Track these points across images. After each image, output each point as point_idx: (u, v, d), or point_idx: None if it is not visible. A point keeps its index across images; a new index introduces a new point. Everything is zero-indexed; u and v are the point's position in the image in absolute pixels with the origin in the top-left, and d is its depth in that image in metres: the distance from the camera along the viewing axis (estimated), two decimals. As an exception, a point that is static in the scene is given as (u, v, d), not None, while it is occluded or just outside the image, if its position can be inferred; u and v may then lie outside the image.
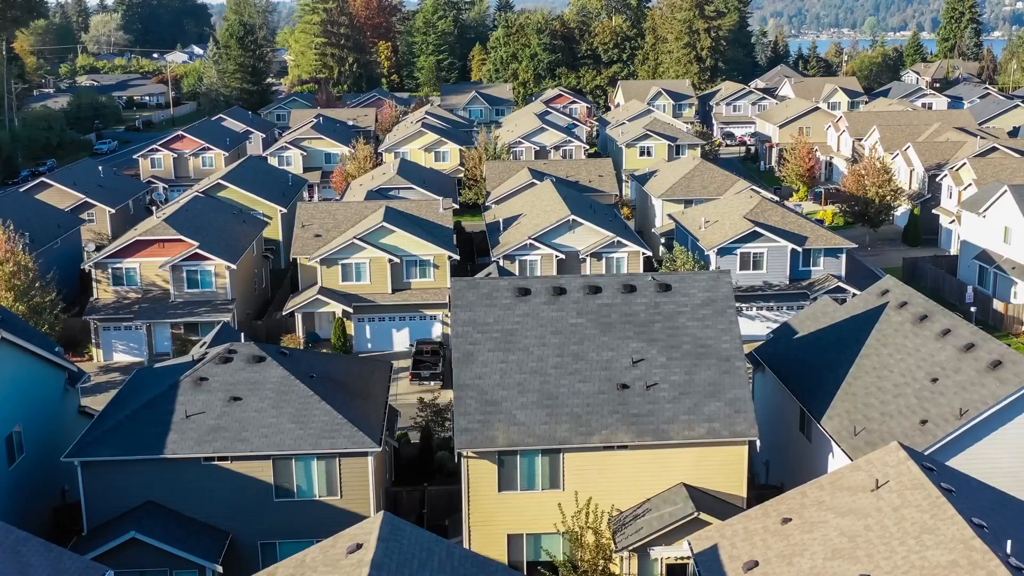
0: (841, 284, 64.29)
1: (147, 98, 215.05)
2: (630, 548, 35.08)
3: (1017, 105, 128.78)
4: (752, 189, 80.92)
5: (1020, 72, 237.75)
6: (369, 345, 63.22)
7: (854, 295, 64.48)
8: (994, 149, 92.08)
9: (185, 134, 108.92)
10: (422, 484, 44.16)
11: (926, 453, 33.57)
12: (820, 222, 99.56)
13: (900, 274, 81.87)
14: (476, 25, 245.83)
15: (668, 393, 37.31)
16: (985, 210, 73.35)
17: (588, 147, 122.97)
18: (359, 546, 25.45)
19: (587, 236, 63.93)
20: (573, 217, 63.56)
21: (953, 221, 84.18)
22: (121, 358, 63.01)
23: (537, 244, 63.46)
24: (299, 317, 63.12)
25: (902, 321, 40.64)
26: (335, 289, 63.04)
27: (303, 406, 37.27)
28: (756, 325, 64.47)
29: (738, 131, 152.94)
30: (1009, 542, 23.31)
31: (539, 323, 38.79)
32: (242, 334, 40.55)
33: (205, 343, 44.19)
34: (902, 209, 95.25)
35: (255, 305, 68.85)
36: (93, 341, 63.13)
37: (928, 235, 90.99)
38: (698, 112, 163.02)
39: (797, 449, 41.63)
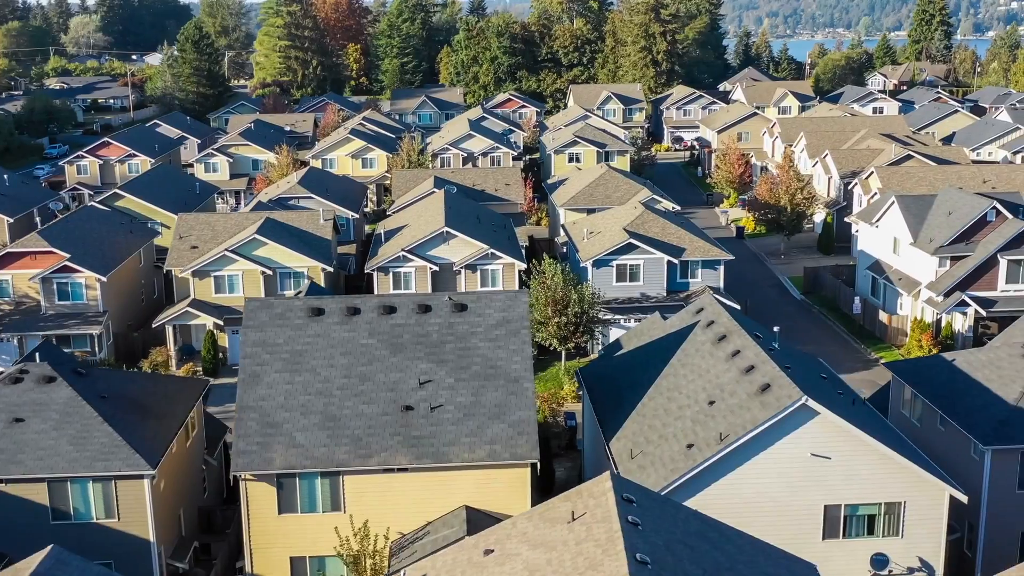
0: (716, 297, 63.81)
1: (112, 101, 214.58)
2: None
3: (956, 111, 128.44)
4: (654, 198, 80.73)
5: (1000, 73, 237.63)
6: (244, 357, 62.95)
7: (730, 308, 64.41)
8: (909, 157, 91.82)
9: (112, 140, 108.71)
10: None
11: (687, 478, 33.47)
12: (742, 229, 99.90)
13: (801, 283, 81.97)
14: (446, 28, 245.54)
15: (452, 415, 37.14)
16: (877, 220, 73.08)
17: (521, 153, 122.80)
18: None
19: (462, 248, 63.71)
20: (447, 229, 63.32)
21: (858, 230, 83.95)
22: (-5, 370, 62.85)
23: (411, 256, 63.23)
24: (170, 330, 62.92)
25: (704, 341, 40.43)
26: (208, 301, 62.85)
27: (84, 428, 37.06)
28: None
29: (688, 135, 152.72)
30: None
31: (329, 343, 38.61)
32: (36, 355, 40.24)
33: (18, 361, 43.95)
34: (820, 217, 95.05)
35: (140, 316, 68.59)
36: (-34, 353, 63.00)
37: (842, 243, 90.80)
38: (649, 117, 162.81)
39: (601, 471, 41.35)
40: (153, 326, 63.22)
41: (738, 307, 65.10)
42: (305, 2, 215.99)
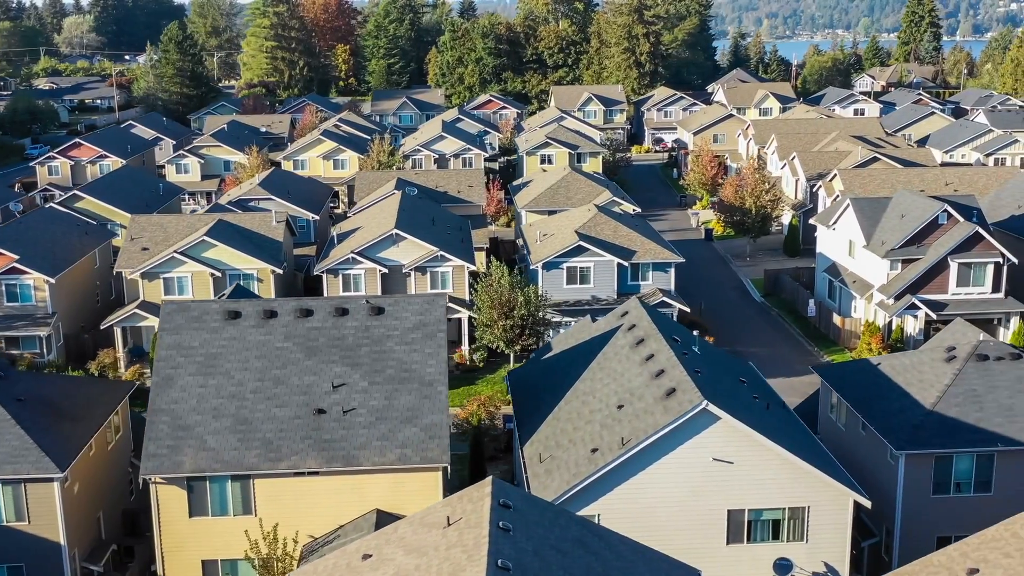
0: (666, 299, 63.94)
1: (99, 102, 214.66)
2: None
3: (933, 113, 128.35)
4: (614, 200, 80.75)
5: (993, 75, 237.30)
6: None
7: (680, 309, 64.53)
8: (876, 159, 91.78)
9: (83, 141, 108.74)
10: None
11: (588, 482, 33.45)
12: (710, 231, 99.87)
13: (762, 285, 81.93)
14: (436, 29, 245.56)
15: (365, 418, 37.12)
16: (834, 223, 73.01)
17: (496, 154, 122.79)
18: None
19: (412, 250, 63.68)
20: (396, 231, 63.29)
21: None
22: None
23: (360, 258, 63.20)
24: (119, 331, 62.92)
25: (624, 345, 40.39)
26: (157, 303, 62.73)
27: (-4, 430, 37.05)
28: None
29: (668, 137, 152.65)
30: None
31: (244, 347, 38.60)
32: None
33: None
34: (787, 219, 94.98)
35: (95, 318, 68.50)
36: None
37: (808, 246, 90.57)
38: (631, 118, 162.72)
39: (522, 476, 41.37)
40: (101, 327, 63.21)
41: (688, 309, 65.27)
42: (292, 3, 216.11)
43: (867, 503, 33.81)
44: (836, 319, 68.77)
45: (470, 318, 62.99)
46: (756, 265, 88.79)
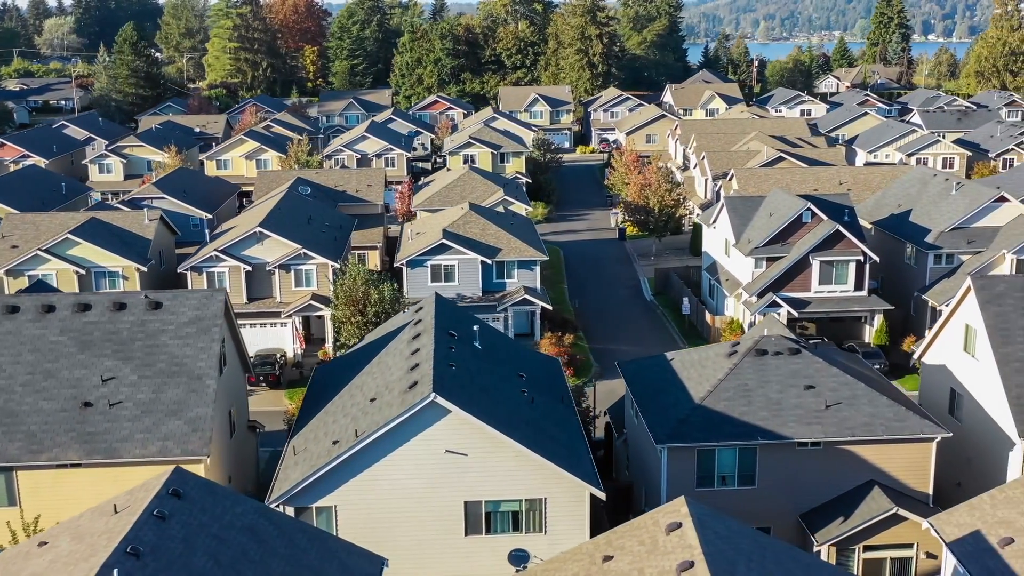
0: (527, 297, 64.35)
1: (63, 103, 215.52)
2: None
3: (866, 113, 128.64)
4: (507, 199, 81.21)
5: (972, 76, 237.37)
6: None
7: (543, 307, 64.97)
8: (781, 159, 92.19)
9: (6, 142, 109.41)
10: None
11: (321, 474, 33.87)
12: (623, 230, 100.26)
13: (653, 283, 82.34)
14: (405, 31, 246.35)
15: (131, 411, 37.57)
16: (714, 222, 73.41)
17: (430, 154, 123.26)
18: None
19: (276, 248, 64.14)
20: (260, 229, 63.75)
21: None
22: None
23: (224, 256, 63.65)
24: (-17, 328, 63.36)
25: (404, 339, 40.81)
26: (22, 300, 63.22)
27: None
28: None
29: (612, 137, 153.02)
30: None
31: (19, 340, 39.06)
32: None
33: None
34: (696, 217, 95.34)
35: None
36: None
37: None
38: (579, 119, 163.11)
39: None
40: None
41: (551, 307, 65.73)
42: (256, 4, 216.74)
43: (601, 495, 34.14)
44: (708, 317, 69.13)
45: (332, 315, 63.38)
46: (660, 264, 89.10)
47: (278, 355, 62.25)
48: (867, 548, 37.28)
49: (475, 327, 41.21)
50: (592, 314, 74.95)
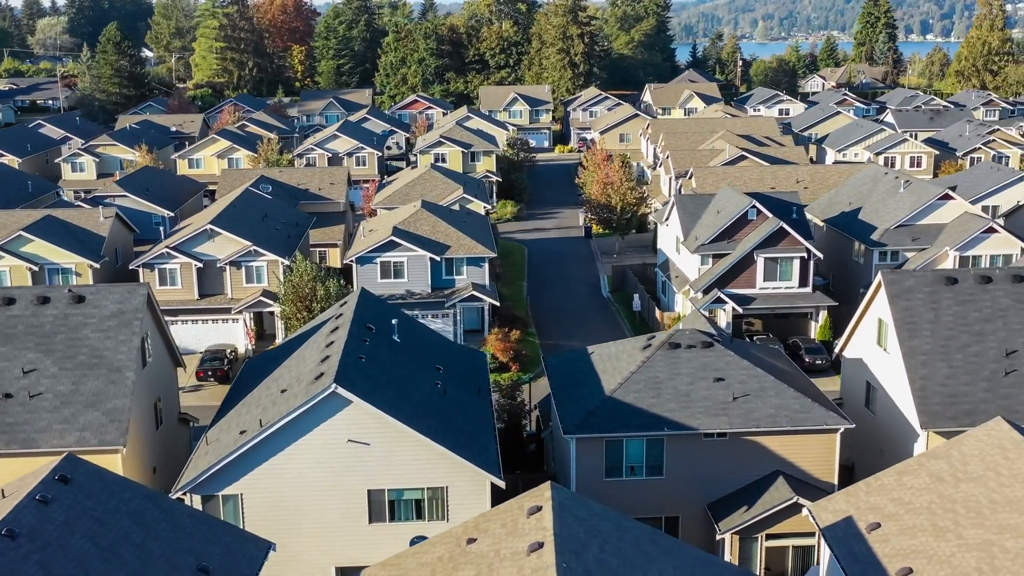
0: (475, 293, 65.15)
1: (50, 102, 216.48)
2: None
3: (838, 113, 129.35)
4: (465, 197, 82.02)
5: (954, 76, 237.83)
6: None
7: (491, 304, 65.77)
8: (743, 157, 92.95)
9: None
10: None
11: (226, 462, 34.64)
12: (589, 229, 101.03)
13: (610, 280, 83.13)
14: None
15: (51, 403, 38.44)
16: (666, 220, 74.24)
17: (400, 153, 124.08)
18: None
19: (227, 245, 64.98)
20: (210, 226, 64.60)
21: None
22: None
23: (175, 253, 64.51)
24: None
25: (325, 332, 41.61)
26: (-24, 296, 64.09)
27: None
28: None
29: (590, 136, 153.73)
30: None
31: (-57, 334, 39.92)
32: None
33: None
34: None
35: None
36: None
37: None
38: (559, 118, 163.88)
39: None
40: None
41: (498, 303, 66.54)
42: (242, 3, 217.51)
43: (501, 484, 34.91)
44: (657, 313, 69.94)
45: (281, 311, 64.23)
46: (621, 262, 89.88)
47: (228, 351, 63.07)
48: (770, 536, 38.08)
49: (393, 321, 41.99)
50: (548, 311, 75.79)
